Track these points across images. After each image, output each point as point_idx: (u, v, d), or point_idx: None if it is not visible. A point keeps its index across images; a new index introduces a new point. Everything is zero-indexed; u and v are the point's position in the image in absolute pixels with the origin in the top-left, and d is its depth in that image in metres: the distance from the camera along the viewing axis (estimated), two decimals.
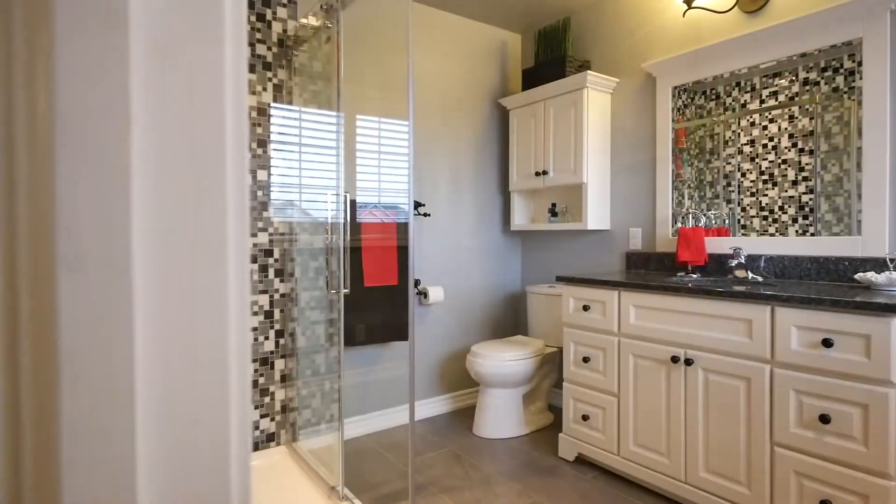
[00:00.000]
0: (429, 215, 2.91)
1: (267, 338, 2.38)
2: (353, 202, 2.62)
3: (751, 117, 2.22)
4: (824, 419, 1.56)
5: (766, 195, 2.18)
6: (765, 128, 2.18)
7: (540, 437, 2.68)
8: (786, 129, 2.11)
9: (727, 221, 2.32)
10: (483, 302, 3.25)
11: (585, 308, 2.28)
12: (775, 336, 1.68)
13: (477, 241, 3.21)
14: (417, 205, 2.84)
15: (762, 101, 2.18)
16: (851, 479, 1.52)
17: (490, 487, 2.15)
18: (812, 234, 2.03)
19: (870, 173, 1.89)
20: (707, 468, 1.88)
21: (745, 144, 2.24)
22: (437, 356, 3.05)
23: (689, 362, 1.90)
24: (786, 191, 2.12)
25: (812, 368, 1.60)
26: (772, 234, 2.15)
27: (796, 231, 2.08)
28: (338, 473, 2.02)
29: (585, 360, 2.27)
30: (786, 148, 2.11)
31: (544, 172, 2.89)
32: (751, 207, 2.23)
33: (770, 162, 2.16)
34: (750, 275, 2.12)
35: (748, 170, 2.23)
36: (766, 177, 2.18)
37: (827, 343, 1.55)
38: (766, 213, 2.18)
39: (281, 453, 2.37)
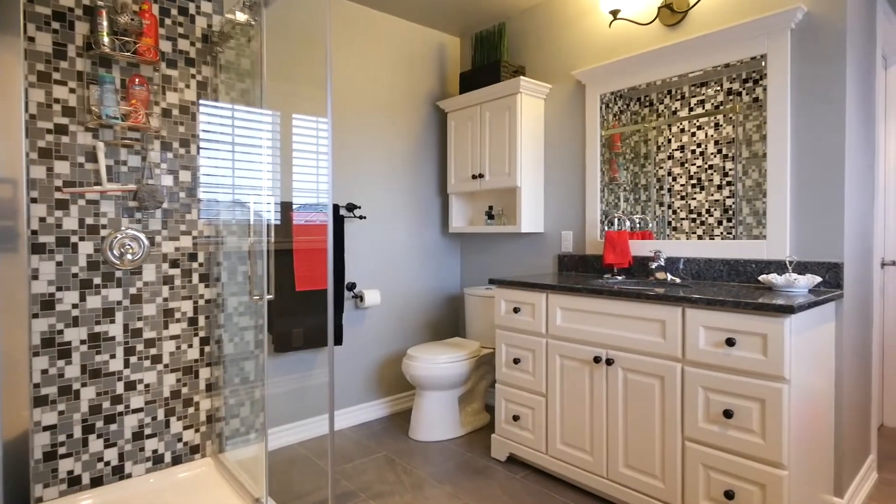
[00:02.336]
0: (364, 217, 2.88)
1: (191, 346, 2.28)
2: (287, 204, 2.56)
3: (681, 124, 2.31)
4: (728, 414, 1.65)
5: (695, 199, 2.27)
6: (693, 134, 2.27)
7: (476, 438, 2.70)
8: (712, 136, 2.21)
9: (651, 224, 2.41)
10: (421, 304, 3.24)
11: (516, 310, 2.32)
12: (685, 336, 1.77)
13: (415, 243, 3.21)
14: (353, 207, 2.81)
15: (691, 109, 2.27)
16: (751, 469, 1.62)
17: (421, 491, 2.15)
18: (734, 237, 2.14)
19: (773, 180, 2.01)
20: (626, 464, 1.95)
21: (676, 150, 2.33)
22: (375, 360, 3.02)
23: (609, 362, 1.96)
24: (712, 195, 2.21)
25: (717, 366, 1.69)
26: (699, 237, 2.25)
27: (721, 234, 2.18)
28: (262, 484, 1.96)
29: (516, 361, 2.31)
30: (712, 154, 2.21)
31: (481, 175, 2.92)
32: (681, 210, 2.32)
33: (698, 167, 2.26)
34: (669, 276, 2.22)
35: (679, 174, 2.32)
36: (694, 181, 2.27)
37: (730, 342, 1.64)
38: (694, 216, 2.27)
39: (206, 465, 2.28)
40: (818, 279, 1.79)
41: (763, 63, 2.04)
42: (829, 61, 1.89)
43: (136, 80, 2.07)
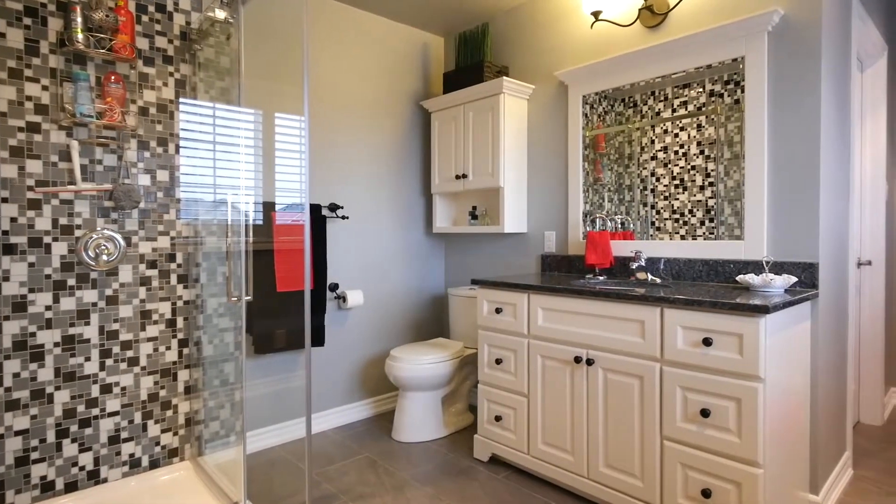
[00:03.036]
0: (347, 217, 2.86)
1: (169, 348, 2.25)
2: (269, 204, 2.53)
3: (664, 125, 2.32)
4: (705, 413, 1.66)
5: (678, 199, 2.28)
6: (676, 135, 2.28)
7: (459, 439, 2.70)
8: (694, 136, 2.22)
9: (633, 225, 2.42)
10: (405, 305, 3.23)
11: (498, 311, 2.32)
12: (664, 336, 1.78)
13: (399, 243, 3.19)
14: (335, 207, 2.79)
15: (674, 110, 2.28)
16: (727, 468, 1.63)
17: (402, 493, 2.14)
18: (715, 238, 2.15)
19: (750, 181, 2.03)
20: (606, 463, 1.95)
21: (660, 150, 2.34)
22: (358, 361, 3.00)
23: (590, 362, 1.97)
24: (694, 195, 2.23)
25: (695, 366, 1.71)
26: (682, 237, 2.26)
27: (703, 234, 2.19)
28: (241, 487, 1.94)
29: (498, 361, 2.31)
30: (694, 155, 2.22)
31: (464, 175, 2.92)
32: (664, 211, 2.33)
33: (681, 168, 2.27)
34: (649, 277, 2.23)
35: (662, 175, 2.33)
36: (677, 182, 2.29)
37: (707, 342, 1.66)
38: (677, 217, 2.28)
39: (185, 469, 2.25)
40: (794, 279, 1.81)
41: (742, 65, 2.06)
42: (805, 64, 1.91)
43: (112, 77, 2.04)
